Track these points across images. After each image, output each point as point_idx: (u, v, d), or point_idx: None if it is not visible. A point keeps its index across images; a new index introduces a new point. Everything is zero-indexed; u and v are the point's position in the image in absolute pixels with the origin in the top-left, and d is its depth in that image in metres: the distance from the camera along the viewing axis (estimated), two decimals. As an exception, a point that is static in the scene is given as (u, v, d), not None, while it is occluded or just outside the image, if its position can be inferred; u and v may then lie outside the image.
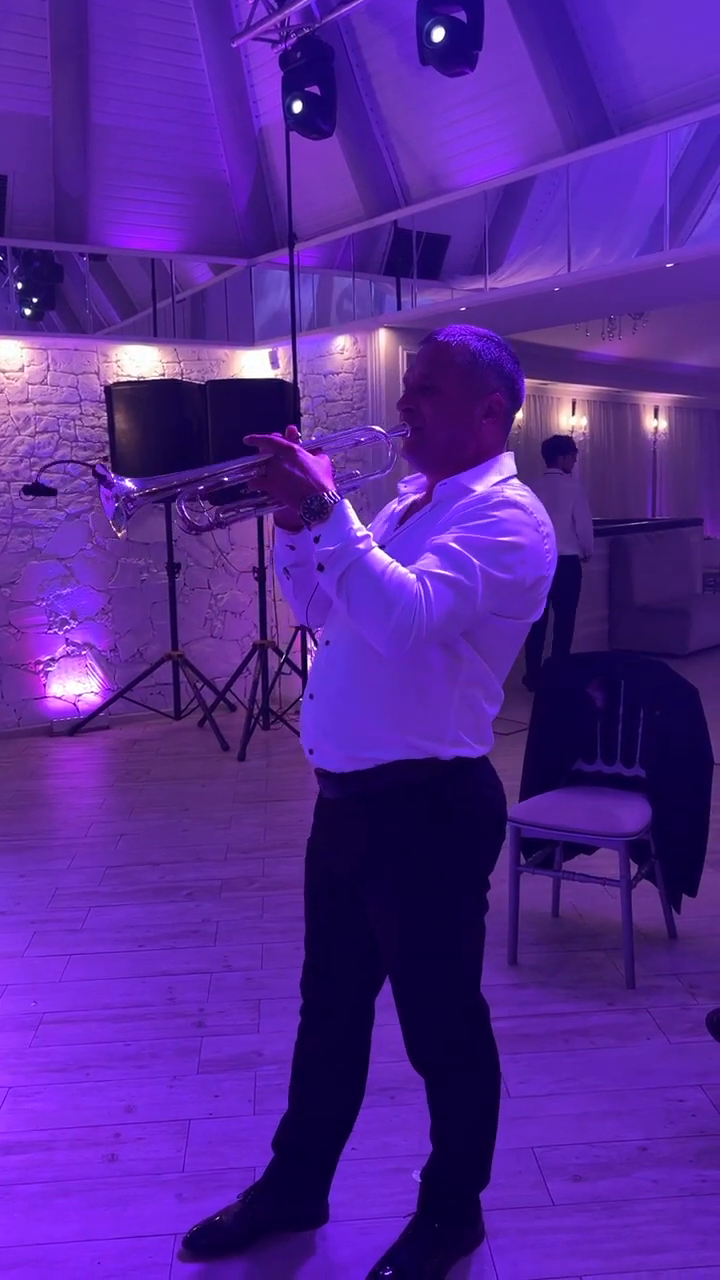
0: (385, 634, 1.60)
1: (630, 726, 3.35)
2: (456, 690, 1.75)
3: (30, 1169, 2.33)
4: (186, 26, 6.30)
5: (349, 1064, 2.07)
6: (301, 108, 5.58)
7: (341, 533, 1.63)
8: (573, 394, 11.99)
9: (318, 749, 1.84)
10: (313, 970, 2.04)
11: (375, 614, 1.59)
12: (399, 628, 1.59)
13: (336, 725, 1.80)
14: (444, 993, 1.87)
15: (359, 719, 1.77)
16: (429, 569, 1.62)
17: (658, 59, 4.86)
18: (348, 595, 1.62)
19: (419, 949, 1.84)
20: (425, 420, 1.78)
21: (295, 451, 1.68)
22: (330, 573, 1.63)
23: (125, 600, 6.74)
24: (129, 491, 1.67)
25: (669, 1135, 2.40)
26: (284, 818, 4.73)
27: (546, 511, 1.78)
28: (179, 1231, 2.10)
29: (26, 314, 6.56)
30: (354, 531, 1.63)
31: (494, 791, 1.86)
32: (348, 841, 1.87)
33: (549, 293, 5.26)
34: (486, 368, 1.78)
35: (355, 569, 1.61)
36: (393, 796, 1.79)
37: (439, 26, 4.72)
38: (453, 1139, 1.97)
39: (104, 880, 4.04)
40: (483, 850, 1.85)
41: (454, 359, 1.77)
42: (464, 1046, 1.92)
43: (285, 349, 6.66)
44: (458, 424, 1.77)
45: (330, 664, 1.83)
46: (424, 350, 1.82)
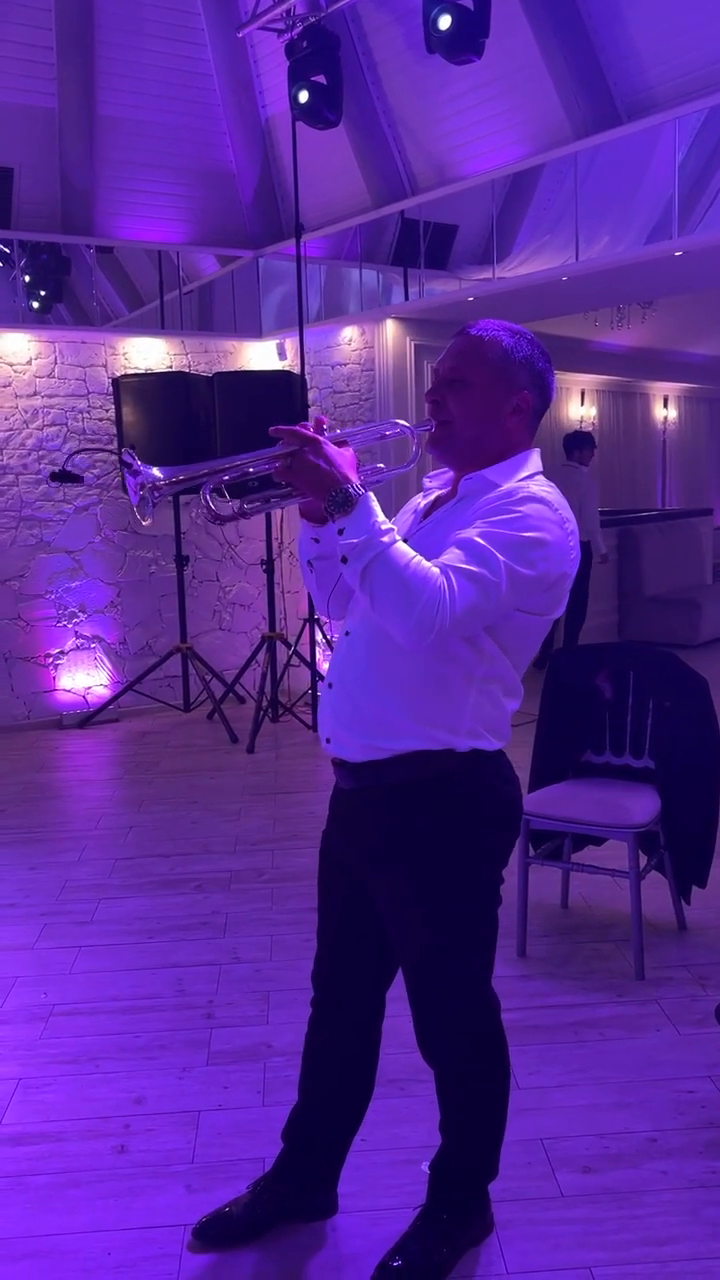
0: (408, 627, 1.60)
1: (639, 718, 3.34)
2: (475, 683, 1.75)
3: (40, 1160, 2.34)
4: (192, 16, 6.27)
5: (360, 1056, 2.07)
6: (308, 97, 5.55)
7: (366, 525, 1.62)
8: (582, 384, 11.95)
9: (335, 738, 1.83)
10: (325, 962, 2.04)
11: (398, 607, 1.59)
12: (421, 621, 1.58)
13: (354, 714, 1.79)
14: (456, 985, 1.87)
15: (377, 709, 1.77)
16: (453, 563, 1.62)
17: (666, 45, 4.82)
18: (371, 588, 1.61)
19: (432, 941, 1.84)
20: (452, 414, 1.77)
21: (320, 443, 1.67)
22: (354, 565, 1.62)
23: (134, 593, 6.75)
24: (155, 479, 1.66)
25: (678, 1126, 2.40)
26: (293, 810, 4.73)
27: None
28: (188, 1222, 2.11)
29: (34, 307, 6.56)
30: (378, 524, 1.62)
31: (510, 786, 1.86)
32: (362, 832, 1.87)
33: (557, 282, 5.24)
34: (518, 365, 1.77)
35: (379, 562, 1.60)
36: (408, 788, 1.79)
37: (445, 14, 4.69)
38: (462, 1131, 1.98)
39: (113, 872, 4.06)
40: (497, 844, 1.85)
41: (485, 354, 1.76)
42: (475, 1039, 1.92)
43: (292, 340, 6.65)
44: (484, 420, 1.77)
45: (350, 653, 1.82)
46: (456, 343, 1.80)
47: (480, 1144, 1.99)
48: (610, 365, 11.56)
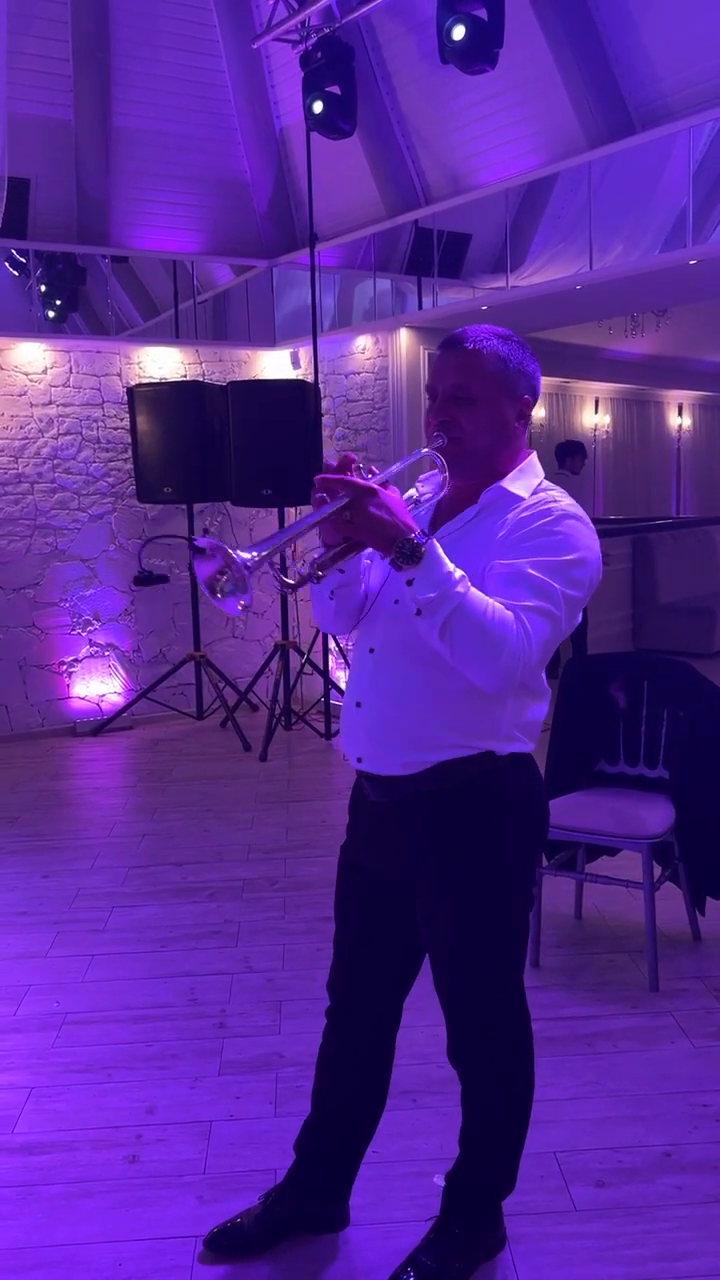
0: (494, 675, 1.61)
1: (653, 727, 3.32)
2: (511, 690, 1.74)
3: (53, 1170, 2.34)
4: (207, 28, 6.31)
5: (374, 1066, 2.06)
6: (322, 108, 5.57)
7: (439, 578, 1.58)
8: (595, 391, 11.94)
9: (368, 756, 1.82)
10: (342, 972, 2.03)
11: (483, 657, 1.59)
12: (508, 668, 1.60)
13: (391, 732, 1.78)
14: (499, 988, 1.88)
15: (416, 725, 1.76)
16: (521, 604, 1.62)
17: (679, 55, 4.82)
18: (451, 640, 1.59)
19: (479, 943, 1.84)
20: (464, 431, 1.75)
21: (378, 493, 1.59)
22: (432, 619, 1.59)
23: (148, 601, 6.77)
24: (246, 562, 1.49)
25: (693, 1140, 2.38)
26: (306, 818, 4.73)
27: None
28: (200, 1233, 2.10)
29: (50, 316, 6.60)
30: (451, 574, 1.59)
31: (540, 787, 1.88)
32: (402, 843, 1.85)
33: (571, 291, 5.23)
34: (515, 372, 1.77)
35: (459, 615, 1.58)
36: (449, 793, 1.79)
37: (460, 25, 4.70)
38: (483, 1141, 1.97)
39: (126, 880, 4.06)
40: (532, 845, 1.88)
41: (486, 367, 1.75)
42: (510, 1044, 1.93)
43: (306, 349, 6.67)
44: (496, 432, 1.77)
45: (378, 671, 1.80)
46: (451, 358, 1.78)
47: (500, 1156, 1.98)
48: (624, 373, 11.55)
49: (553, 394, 11.44)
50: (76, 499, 6.49)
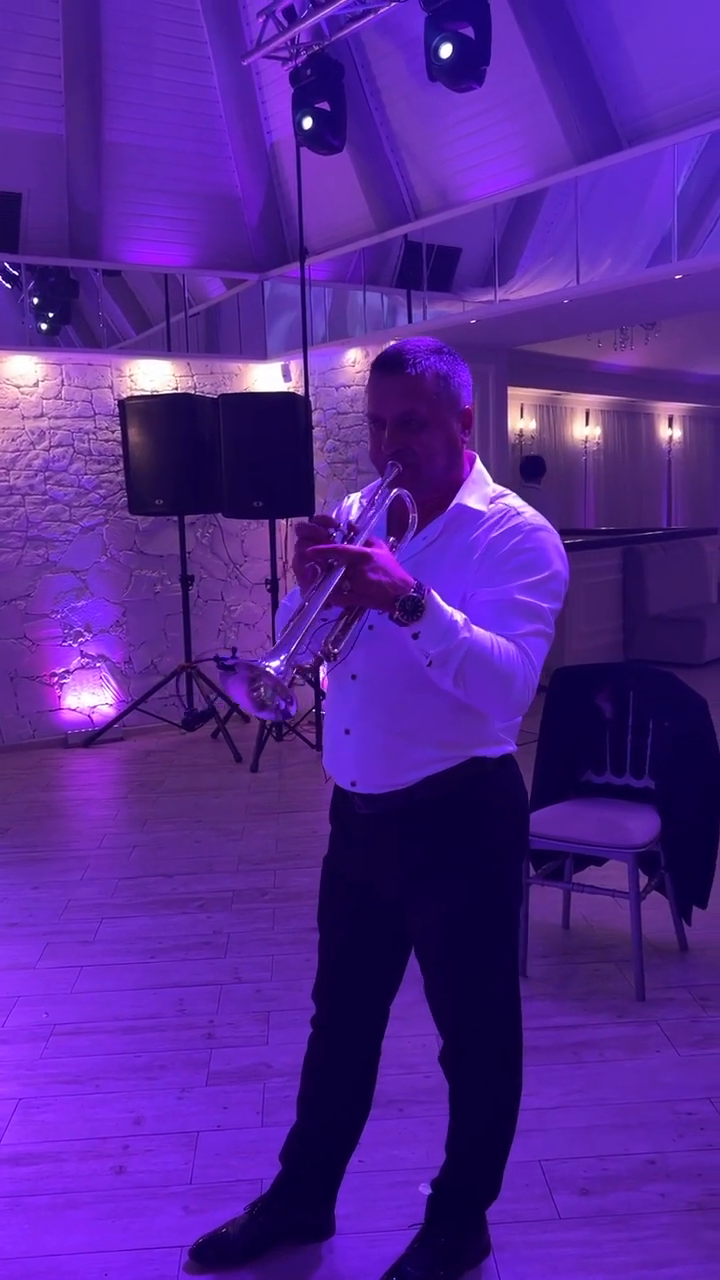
0: (507, 707, 1.69)
1: (640, 738, 3.35)
2: None
3: (39, 1180, 2.34)
4: (198, 45, 6.36)
5: (359, 1075, 2.07)
6: (312, 124, 5.62)
7: (444, 628, 1.60)
8: (586, 404, 12.01)
9: (362, 780, 1.84)
10: (327, 981, 2.04)
11: (496, 694, 1.66)
12: (520, 699, 1.68)
13: (384, 756, 1.80)
14: (496, 989, 1.90)
15: (408, 746, 1.78)
16: (518, 633, 1.68)
17: (665, 72, 4.88)
18: (466, 685, 1.64)
19: (476, 952, 1.86)
20: (417, 455, 1.75)
21: (373, 557, 1.57)
22: (444, 669, 1.62)
23: (139, 612, 6.78)
24: (277, 675, 1.47)
25: (678, 1148, 2.39)
26: (296, 829, 4.74)
27: None
28: (186, 1243, 2.11)
29: (43, 329, 6.63)
30: (455, 623, 1.61)
31: (523, 788, 1.93)
32: (390, 852, 1.87)
33: (559, 304, 5.28)
34: (457, 387, 1.78)
35: (469, 661, 1.62)
36: (440, 801, 1.81)
37: (447, 43, 4.75)
38: (471, 1148, 1.99)
39: (116, 891, 4.07)
40: (521, 846, 1.93)
41: (430, 389, 1.74)
42: (503, 1048, 1.95)
43: (297, 362, 6.71)
44: (448, 450, 1.79)
45: (363, 698, 1.81)
46: (393, 384, 1.74)
47: (485, 1163, 1.99)
48: (614, 386, 11.61)
49: (544, 406, 11.50)
50: (68, 511, 6.51)
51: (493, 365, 6.71)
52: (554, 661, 7.16)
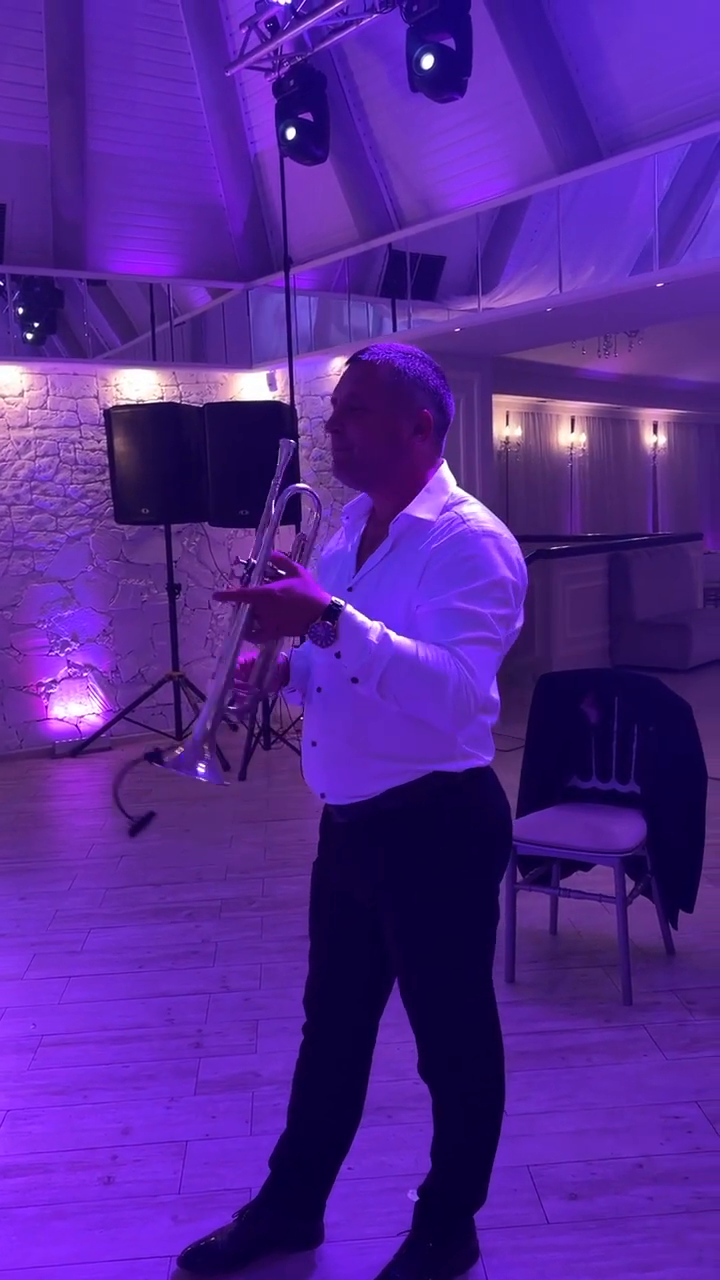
0: (446, 714, 1.63)
1: (625, 743, 3.37)
2: None
3: (28, 1191, 2.34)
4: (181, 56, 6.39)
5: (349, 1081, 2.08)
6: (295, 134, 5.65)
7: (360, 645, 1.59)
8: (571, 411, 12.07)
9: (330, 791, 1.86)
10: (316, 987, 2.05)
11: (430, 700, 1.61)
12: (457, 705, 1.61)
13: (346, 768, 1.82)
14: (466, 1003, 1.90)
15: (368, 759, 1.79)
16: (453, 639, 1.64)
17: (645, 82, 4.92)
18: (395, 696, 1.62)
19: (442, 960, 1.86)
20: (352, 441, 1.78)
21: (271, 593, 1.59)
22: (368, 683, 1.62)
23: (126, 621, 6.78)
24: (200, 756, 1.63)
25: (665, 1152, 2.40)
26: (284, 837, 4.74)
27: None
28: (175, 1253, 2.11)
29: (28, 339, 6.63)
30: (370, 637, 1.60)
31: (502, 799, 1.90)
32: (363, 862, 1.89)
33: (542, 312, 5.31)
34: (412, 384, 1.78)
35: (391, 669, 1.60)
36: (405, 814, 1.81)
37: (428, 54, 4.78)
38: (456, 1155, 1.99)
39: (104, 901, 4.06)
40: (497, 858, 1.90)
41: (380, 378, 1.77)
42: (479, 1058, 1.95)
43: (282, 371, 6.73)
44: (387, 443, 1.78)
45: (326, 710, 1.83)
46: (350, 371, 1.82)
47: (471, 1170, 2.00)
48: (599, 392, 11.68)
49: (529, 413, 11.55)
50: (54, 520, 6.51)
51: (477, 373, 6.75)
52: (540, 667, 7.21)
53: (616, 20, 4.91)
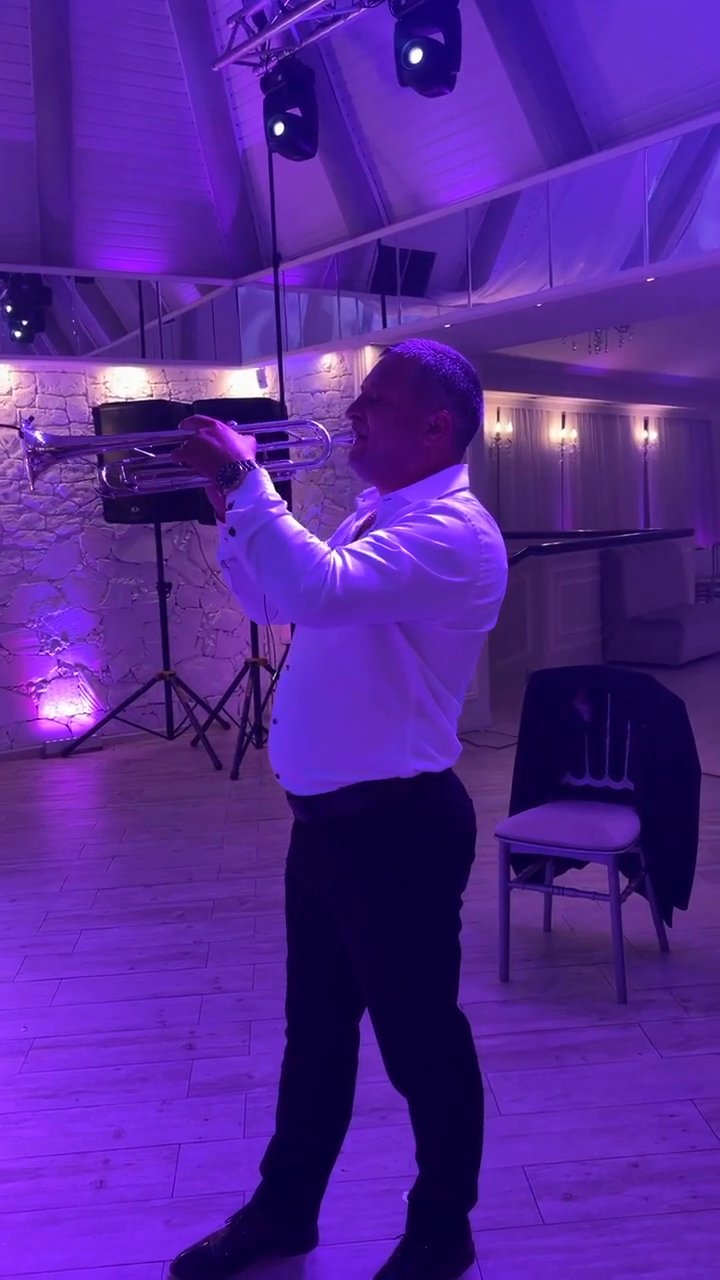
0: (291, 597, 1.58)
1: (618, 739, 3.35)
2: (411, 707, 1.75)
3: (18, 1197, 2.32)
4: (168, 51, 6.35)
5: (335, 1085, 2.06)
6: (283, 129, 5.62)
7: (253, 497, 1.64)
8: (562, 407, 12.06)
9: (284, 774, 1.85)
10: (295, 990, 2.03)
11: (282, 576, 1.59)
12: (306, 591, 1.57)
13: (295, 750, 1.81)
14: (418, 1012, 1.87)
15: (317, 742, 1.78)
16: (353, 547, 1.63)
17: (633, 77, 4.90)
18: (257, 558, 1.62)
19: (393, 969, 1.83)
20: (369, 430, 1.79)
21: (215, 425, 1.72)
22: (241, 536, 1.64)
23: (117, 620, 6.75)
24: (36, 444, 1.72)
25: (660, 1151, 2.39)
26: (276, 836, 4.72)
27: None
28: (167, 1258, 2.09)
29: (16, 336, 6.59)
30: (266, 496, 1.64)
31: (460, 809, 1.85)
32: (318, 863, 1.88)
33: (533, 308, 5.29)
34: (436, 383, 1.77)
35: (265, 533, 1.61)
36: (358, 818, 1.79)
37: (417, 48, 4.75)
38: (437, 1158, 1.97)
39: (95, 903, 4.03)
40: (452, 867, 1.84)
41: (405, 372, 1.78)
42: (444, 1064, 1.91)
43: (272, 368, 6.70)
44: (401, 437, 1.77)
45: (289, 689, 1.84)
46: (380, 362, 1.83)
47: (457, 1171, 1.98)
48: (590, 388, 11.67)
49: (519, 410, 11.54)
50: (43, 519, 6.47)
51: (468, 369, 6.72)
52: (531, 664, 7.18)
53: (604, 14, 4.88)
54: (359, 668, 1.73)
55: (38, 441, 1.71)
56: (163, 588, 6.55)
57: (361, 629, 1.71)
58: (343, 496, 6.58)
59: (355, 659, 1.73)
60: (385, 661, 1.73)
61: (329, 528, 6.11)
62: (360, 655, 1.73)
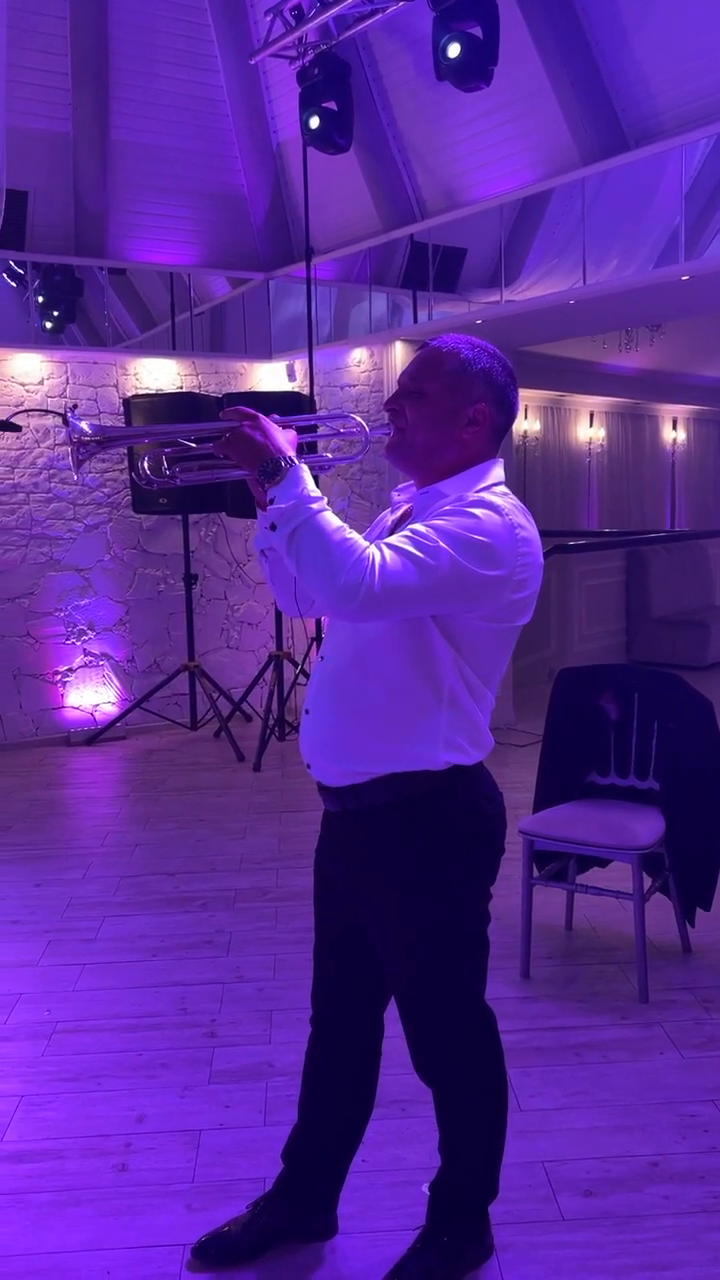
0: (331, 593, 1.59)
1: (644, 739, 3.34)
2: (445, 699, 1.75)
3: (41, 1178, 2.34)
4: (205, 44, 6.36)
5: (358, 1075, 2.07)
6: (318, 123, 5.62)
7: (294, 493, 1.65)
8: (591, 406, 12.00)
9: (314, 764, 1.86)
10: (322, 981, 2.04)
11: (322, 572, 1.60)
12: (345, 587, 1.58)
13: (328, 741, 1.81)
14: (445, 1005, 1.87)
15: (349, 733, 1.78)
16: (392, 541, 1.64)
17: (672, 73, 4.87)
18: (298, 553, 1.63)
19: (419, 962, 1.84)
20: (407, 422, 1.79)
21: (259, 418, 1.72)
22: (282, 530, 1.64)
23: (142, 611, 6.78)
24: (82, 434, 1.72)
25: (681, 1150, 2.38)
26: (298, 828, 4.74)
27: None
28: (188, 1242, 2.10)
29: (48, 327, 6.63)
30: (307, 492, 1.65)
31: (491, 803, 1.85)
32: (347, 855, 1.89)
33: (564, 305, 5.27)
34: (474, 376, 1.78)
35: (306, 527, 1.62)
36: (388, 809, 1.79)
37: (455, 42, 4.75)
38: (459, 1150, 1.97)
39: (119, 890, 4.06)
40: (480, 862, 1.85)
41: (443, 365, 1.78)
42: (468, 1058, 1.92)
43: (302, 361, 6.70)
44: (438, 429, 1.78)
45: (323, 679, 1.84)
46: (418, 355, 1.84)
47: (478, 1164, 1.98)
48: (619, 387, 11.60)
49: (547, 408, 11.49)
50: (72, 509, 6.51)
51: (498, 366, 6.70)
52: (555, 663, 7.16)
53: (644, 10, 4.86)
54: (393, 660, 1.74)
55: (84, 431, 1.72)
56: (189, 579, 6.58)
57: (397, 622, 1.71)
58: (370, 491, 6.58)
59: (390, 651, 1.74)
60: (420, 654, 1.73)
61: (355, 521, 6.12)
62: (395, 648, 1.74)
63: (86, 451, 1.73)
